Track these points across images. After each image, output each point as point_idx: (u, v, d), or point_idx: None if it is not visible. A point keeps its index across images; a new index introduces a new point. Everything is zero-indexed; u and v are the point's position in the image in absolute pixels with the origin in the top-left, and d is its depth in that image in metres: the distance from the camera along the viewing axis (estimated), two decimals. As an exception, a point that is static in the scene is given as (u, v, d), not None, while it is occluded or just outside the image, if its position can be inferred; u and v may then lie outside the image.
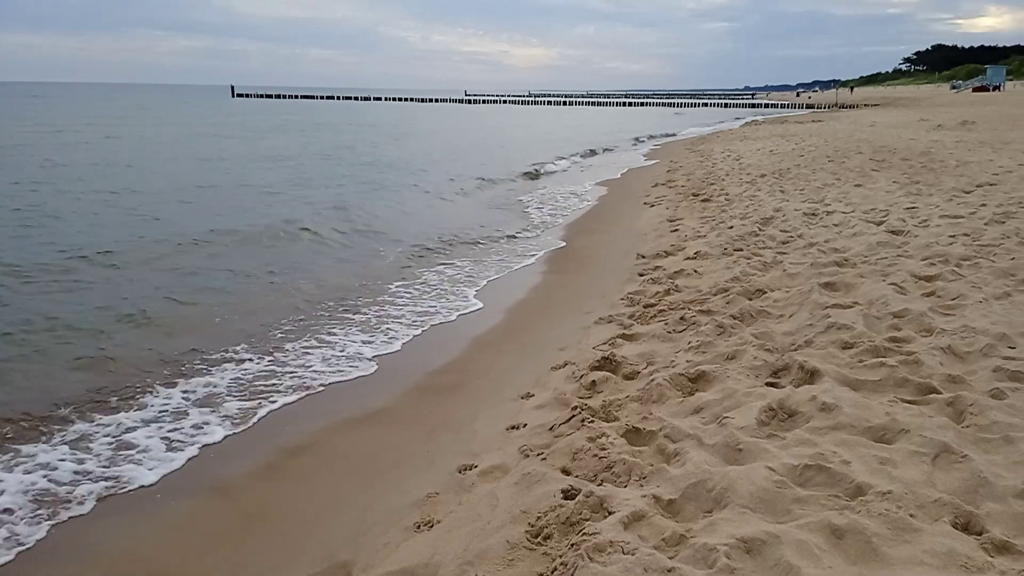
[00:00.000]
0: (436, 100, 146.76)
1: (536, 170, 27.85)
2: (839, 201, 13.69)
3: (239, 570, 4.59)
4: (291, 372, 7.74)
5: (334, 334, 8.93)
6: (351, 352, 8.34)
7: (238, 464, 5.94)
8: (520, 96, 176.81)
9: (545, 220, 17.50)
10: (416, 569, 3.96)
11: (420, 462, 5.76)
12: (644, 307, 8.28)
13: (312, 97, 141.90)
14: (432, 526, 4.56)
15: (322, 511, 5.22)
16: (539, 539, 3.90)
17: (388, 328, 9.22)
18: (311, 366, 7.90)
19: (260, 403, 7.00)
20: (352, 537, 4.72)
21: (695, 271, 9.60)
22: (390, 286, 11.25)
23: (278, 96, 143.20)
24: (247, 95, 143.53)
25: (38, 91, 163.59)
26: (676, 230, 13.24)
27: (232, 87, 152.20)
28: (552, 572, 3.59)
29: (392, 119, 73.41)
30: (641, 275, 10.05)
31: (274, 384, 7.44)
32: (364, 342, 8.69)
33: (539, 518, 4.04)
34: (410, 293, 10.89)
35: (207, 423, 6.59)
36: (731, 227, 12.25)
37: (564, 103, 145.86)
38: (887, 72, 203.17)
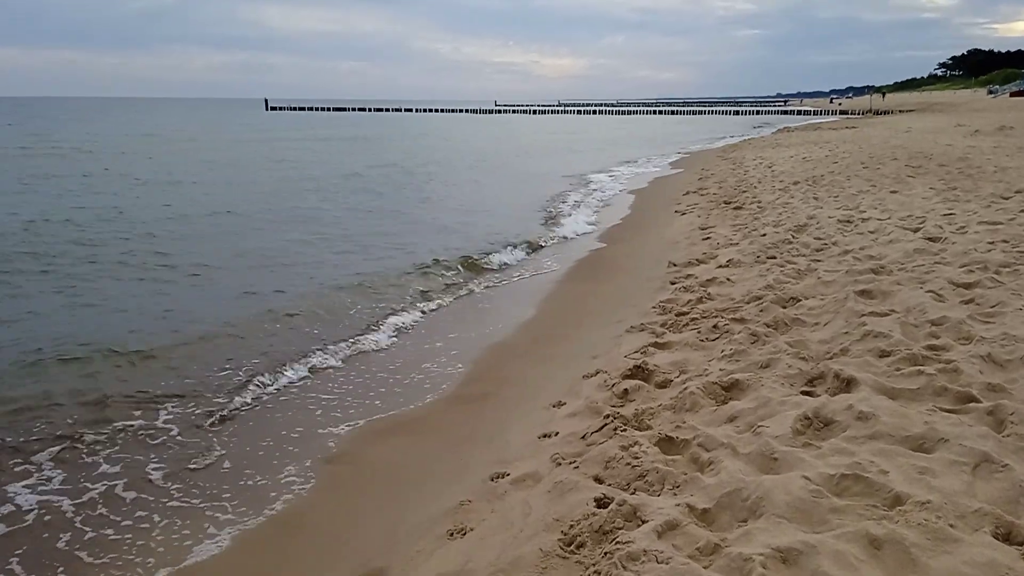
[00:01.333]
0: (466, 111, 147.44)
1: (566, 179, 27.85)
2: (874, 208, 13.51)
3: (284, 570, 4.64)
4: (329, 379, 7.81)
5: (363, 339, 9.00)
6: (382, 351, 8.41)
7: (274, 472, 6.01)
8: (550, 106, 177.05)
9: (575, 228, 17.49)
10: (450, 576, 3.98)
11: (452, 470, 5.79)
12: (676, 315, 8.24)
13: (343, 109, 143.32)
14: (465, 534, 4.58)
15: (356, 518, 5.27)
16: (572, 547, 3.89)
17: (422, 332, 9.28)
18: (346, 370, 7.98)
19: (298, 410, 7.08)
20: (386, 544, 4.76)
21: (728, 279, 9.53)
22: (417, 292, 11.32)
23: (310, 108, 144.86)
24: (280, 108, 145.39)
25: (76, 105, 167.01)
26: (708, 238, 13.16)
27: (266, 100, 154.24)
28: (585, 580, 3.59)
29: (438, 129, 74.23)
30: (673, 283, 10.00)
31: (315, 394, 7.52)
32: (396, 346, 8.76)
33: (572, 526, 4.03)
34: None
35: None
36: (764, 235, 12.15)
37: (594, 112, 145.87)
38: (922, 77, 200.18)
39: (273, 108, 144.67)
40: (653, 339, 7.54)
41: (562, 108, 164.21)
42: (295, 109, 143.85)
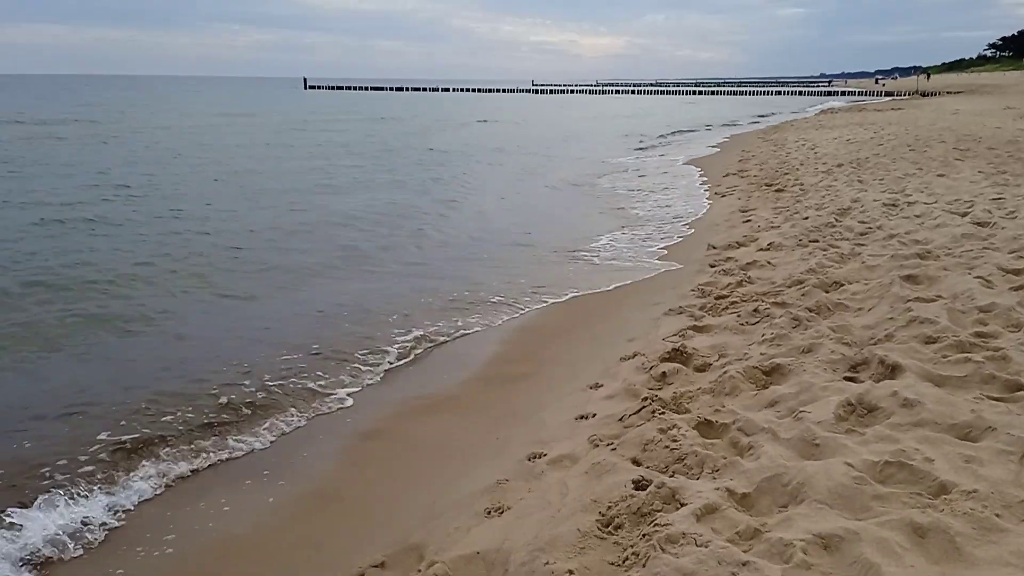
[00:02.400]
0: (503, 91, 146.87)
1: (603, 162, 27.67)
2: (921, 191, 13.22)
3: (316, 550, 4.71)
4: (364, 357, 7.88)
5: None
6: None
7: (315, 448, 6.09)
8: (587, 86, 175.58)
9: (612, 210, 17.39)
10: (488, 554, 4.00)
11: (490, 449, 5.82)
12: (715, 299, 8.17)
13: (381, 89, 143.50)
14: (502, 512, 4.60)
15: (394, 495, 5.32)
16: (610, 528, 3.90)
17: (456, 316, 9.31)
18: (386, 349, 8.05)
19: (335, 388, 7.16)
20: (424, 521, 4.80)
21: (769, 262, 9.41)
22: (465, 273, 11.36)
23: (349, 88, 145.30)
24: (319, 87, 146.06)
25: (121, 84, 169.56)
26: (748, 220, 13.00)
27: (305, 79, 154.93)
28: (623, 562, 3.59)
29: (487, 110, 74.28)
30: (712, 266, 9.91)
31: (349, 369, 7.60)
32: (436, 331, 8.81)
33: (610, 508, 4.04)
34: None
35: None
36: (806, 218, 11.97)
37: (632, 92, 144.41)
38: (971, 58, 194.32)
39: (312, 87, 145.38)
40: (692, 322, 7.49)
41: (600, 88, 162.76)
42: (333, 88, 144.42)
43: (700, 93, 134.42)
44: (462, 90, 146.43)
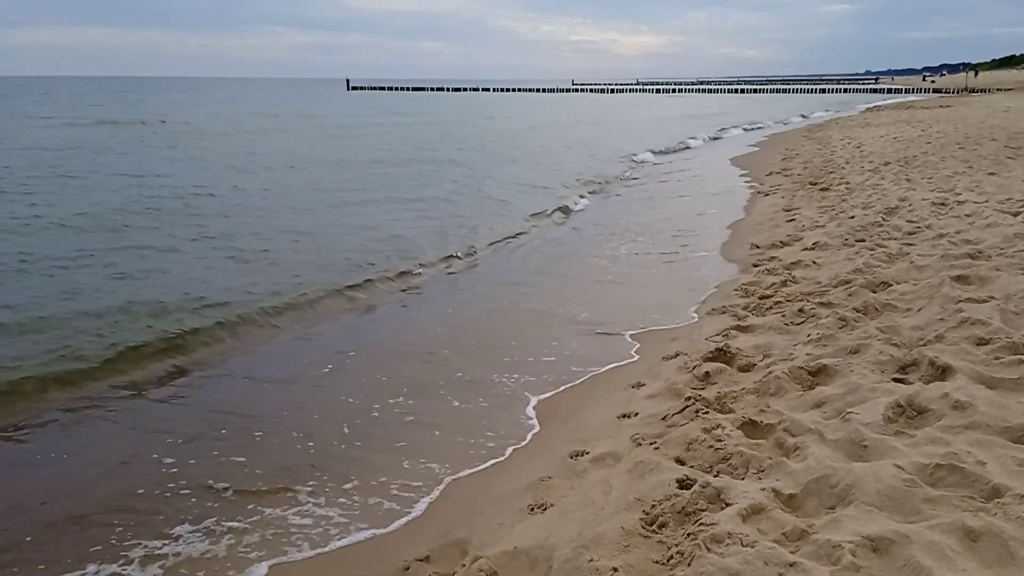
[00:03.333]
0: (543, 90, 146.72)
1: (644, 160, 27.51)
2: (971, 190, 12.92)
3: (361, 541, 4.77)
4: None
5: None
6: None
7: (357, 439, 6.15)
8: (628, 84, 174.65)
9: (658, 207, 17.29)
10: (532, 550, 4.02)
11: (532, 447, 5.84)
12: (759, 298, 8.09)
13: (422, 89, 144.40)
14: (545, 509, 4.62)
15: (438, 489, 5.35)
16: (654, 527, 3.89)
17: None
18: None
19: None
20: (467, 516, 4.83)
21: (814, 262, 9.29)
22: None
23: (390, 88, 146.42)
24: (361, 88, 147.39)
25: (177, 85, 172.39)
26: (792, 220, 12.83)
27: (347, 80, 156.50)
28: (668, 560, 3.58)
29: (533, 109, 74.17)
30: (755, 266, 9.82)
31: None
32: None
33: (654, 506, 4.03)
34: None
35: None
36: (852, 217, 11.77)
37: (673, 91, 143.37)
38: (1022, 55, 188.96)
39: (354, 88, 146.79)
40: (735, 322, 7.43)
41: (640, 87, 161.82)
42: (375, 89, 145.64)
43: (743, 91, 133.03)
44: (503, 90, 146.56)
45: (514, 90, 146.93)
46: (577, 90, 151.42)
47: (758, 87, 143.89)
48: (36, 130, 36.22)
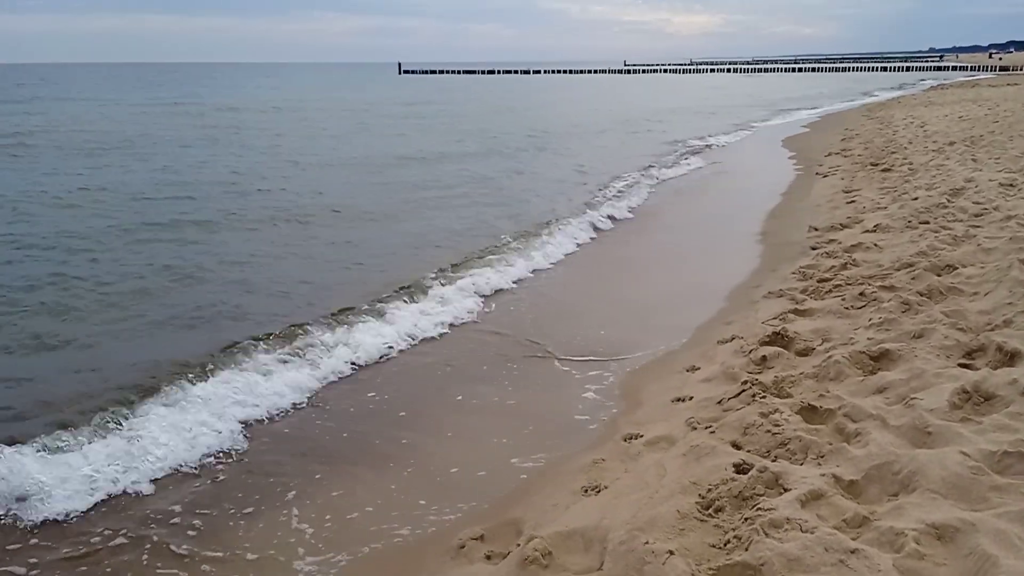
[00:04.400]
0: (595, 71, 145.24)
1: (696, 144, 27.08)
2: (1042, 170, 12.44)
3: (418, 520, 4.84)
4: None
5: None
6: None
7: (416, 420, 6.23)
8: (681, 65, 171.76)
9: (709, 187, 17.07)
10: (586, 531, 4.03)
11: (586, 429, 5.84)
12: (818, 282, 7.94)
13: (473, 72, 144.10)
14: (599, 491, 4.63)
15: (492, 471, 5.40)
16: (710, 511, 3.86)
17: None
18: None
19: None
20: (522, 496, 4.87)
21: (875, 245, 9.06)
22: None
23: (442, 72, 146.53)
24: (413, 71, 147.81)
25: (239, 71, 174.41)
26: (853, 201, 12.53)
27: (399, 64, 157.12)
28: (724, 544, 3.55)
29: (589, 90, 73.25)
30: (814, 248, 9.62)
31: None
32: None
33: (710, 490, 4.00)
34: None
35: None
36: (915, 198, 11.44)
37: (728, 70, 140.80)
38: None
39: (406, 71, 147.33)
40: (793, 305, 7.31)
41: (693, 67, 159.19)
42: (427, 72, 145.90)
43: (801, 70, 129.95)
44: (554, 72, 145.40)
45: (566, 72, 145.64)
46: (629, 71, 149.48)
47: (816, 66, 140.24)
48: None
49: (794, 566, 3.14)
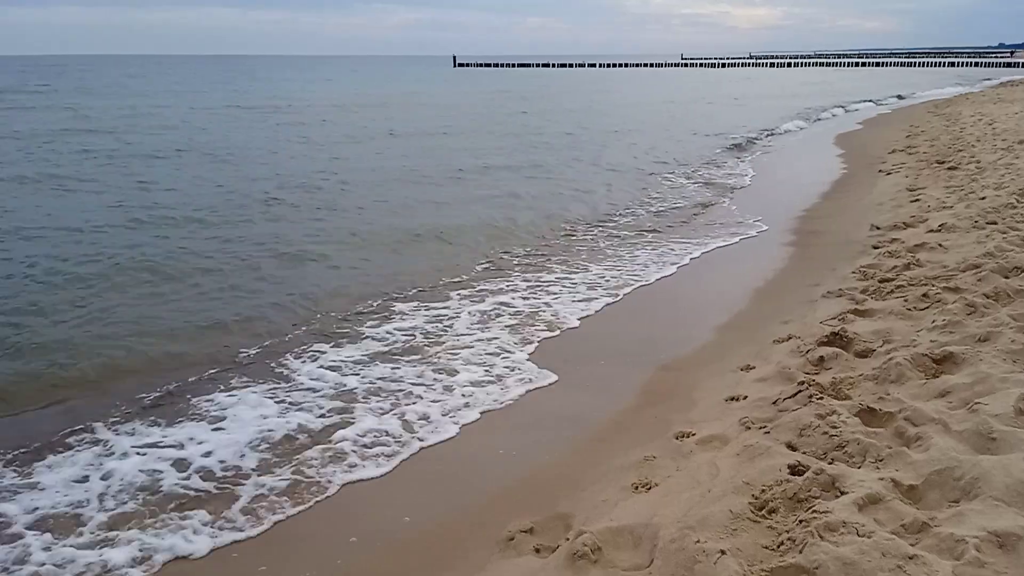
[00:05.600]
0: (652, 65, 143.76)
1: (753, 137, 26.65)
2: (1119, 170, 11.94)
3: (468, 511, 4.88)
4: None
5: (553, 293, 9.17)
6: (563, 314, 8.53)
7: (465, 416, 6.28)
8: (740, 58, 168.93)
9: (765, 185, 16.79)
10: (636, 528, 4.01)
11: (637, 426, 5.81)
12: (879, 282, 7.75)
13: (528, 65, 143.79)
14: (650, 488, 4.60)
15: (541, 465, 5.41)
16: (764, 512, 3.81)
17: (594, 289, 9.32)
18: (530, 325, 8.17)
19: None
20: (571, 491, 4.87)
21: (940, 245, 8.80)
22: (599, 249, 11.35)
23: (497, 65, 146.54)
24: (467, 64, 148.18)
25: (297, 64, 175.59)
26: (917, 200, 12.19)
27: (454, 57, 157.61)
28: (778, 546, 3.51)
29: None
30: (876, 247, 9.40)
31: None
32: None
33: (763, 491, 3.95)
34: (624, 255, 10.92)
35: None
36: (983, 198, 11.08)
37: (789, 64, 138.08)
38: None
39: (461, 64, 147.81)
40: (852, 305, 7.16)
41: (754, 61, 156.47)
42: (481, 65, 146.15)
43: (864, 65, 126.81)
44: (610, 65, 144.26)
45: (622, 65, 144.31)
46: (686, 64, 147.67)
47: (880, 61, 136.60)
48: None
49: (850, 570, 3.09)
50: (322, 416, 6.15)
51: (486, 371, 7.00)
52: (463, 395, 6.54)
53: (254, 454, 5.58)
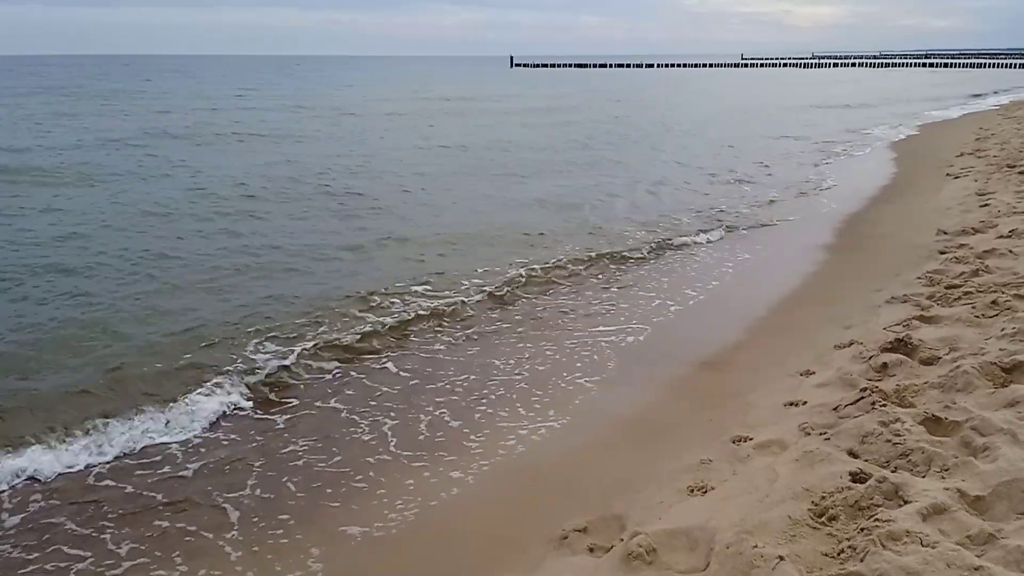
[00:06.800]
0: (710, 65, 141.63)
1: (819, 139, 26.11)
2: None
3: (526, 506, 4.93)
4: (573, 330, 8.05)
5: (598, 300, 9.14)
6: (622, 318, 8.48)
7: (523, 419, 6.32)
8: (801, 58, 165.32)
9: (828, 188, 16.47)
10: (692, 531, 4.00)
11: (692, 429, 5.77)
12: (946, 288, 7.55)
13: (585, 65, 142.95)
14: (705, 491, 4.57)
15: (597, 466, 5.42)
16: (823, 519, 3.76)
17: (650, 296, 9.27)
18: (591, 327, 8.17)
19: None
20: (626, 492, 4.86)
21: (1010, 251, 8.53)
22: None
23: (553, 65, 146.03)
24: (524, 64, 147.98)
25: (361, 64, 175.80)
26: (986, 205, 11.82)
27: (511, 57, 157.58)
28: (838, 554, 3.46)
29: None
30: (942, 253, 9.15)
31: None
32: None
33: (823, 498, 3.90)
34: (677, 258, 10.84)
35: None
36: (1058, 203, 10.71)
37: (852, 64, 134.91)
38: None
39: (518, 65, 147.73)
40: (918, 312, 6.99)
41: (816, 61, 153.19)
42: (538, 66, 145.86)
43: (932, 65, 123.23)
44: (668, 65, 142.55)
45: (680, 65, 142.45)
46: (746, 65, 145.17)
47: (949, 61, 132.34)
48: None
49: (913, 581, 3.04)
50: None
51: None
52: (518, 393, 6.56)
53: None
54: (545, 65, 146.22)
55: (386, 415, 6.31)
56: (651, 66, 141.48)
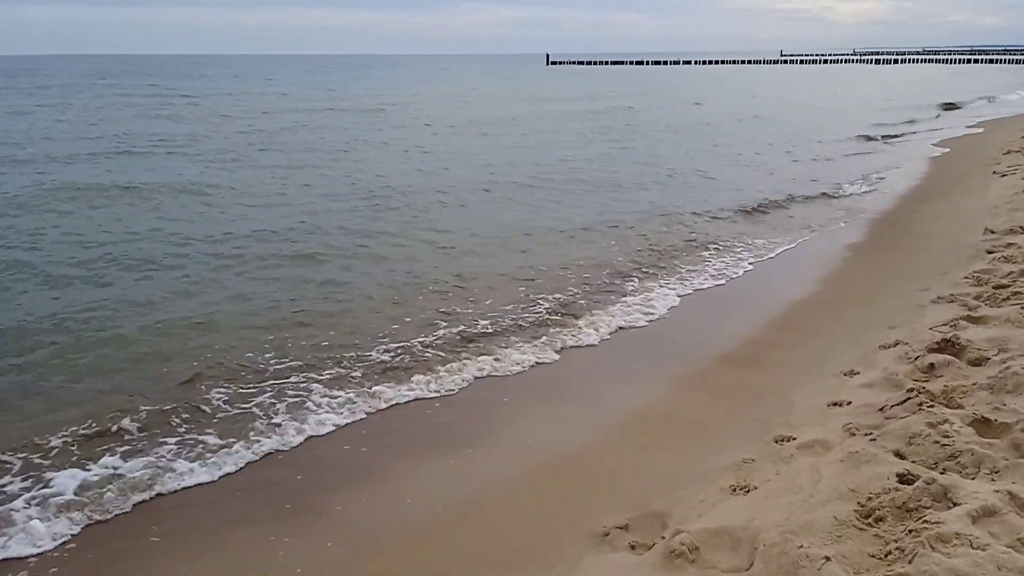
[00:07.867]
0: (748, 62, 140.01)
1: (869, 133, 25.74)
2: None
3: (567, 502, 4.95)
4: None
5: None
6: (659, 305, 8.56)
7: (568, 418, 6.34)
8: (843, 55, 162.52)
9: (874, 186, 16.25)
10: (735, 530, 3.98)
11: (735, 428, 5.74)
12: (994, 288, 7.40)
13: (621, 63, 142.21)
14: (748, 491, 4.55)
15: (639, 464, 5.41)
16: (870, 520, 3.72)
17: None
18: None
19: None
20: (668, 490, 4.85)
21: (1061, 251, 8.35)
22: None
23: (589, 63, 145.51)
24: (560, 62, 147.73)
25: (406, 64, 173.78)
26: (1036, 203, 11.56)
27: (547, 55, 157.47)
28: (886, 556, 3.42)
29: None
30: (990, 252, 8.97)
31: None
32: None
33: (870, 499, 3.85)
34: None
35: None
36: (1110, 202, 10.43)
37: (895, 61, 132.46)
38: None
39: (554, 63, 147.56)
40: (965, 312, 6.87)
41: (858, 57, 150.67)
42: (575, 63, 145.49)
43: (977, 62, 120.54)
44: (705, 62, 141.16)
45: (717, 62, 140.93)
46: (785, 61, 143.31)
47: (995, 58, 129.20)
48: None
49: (963, 583, 3.00)
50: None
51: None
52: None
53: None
54: (581, 63, 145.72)
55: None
56: (688, 63, 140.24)
